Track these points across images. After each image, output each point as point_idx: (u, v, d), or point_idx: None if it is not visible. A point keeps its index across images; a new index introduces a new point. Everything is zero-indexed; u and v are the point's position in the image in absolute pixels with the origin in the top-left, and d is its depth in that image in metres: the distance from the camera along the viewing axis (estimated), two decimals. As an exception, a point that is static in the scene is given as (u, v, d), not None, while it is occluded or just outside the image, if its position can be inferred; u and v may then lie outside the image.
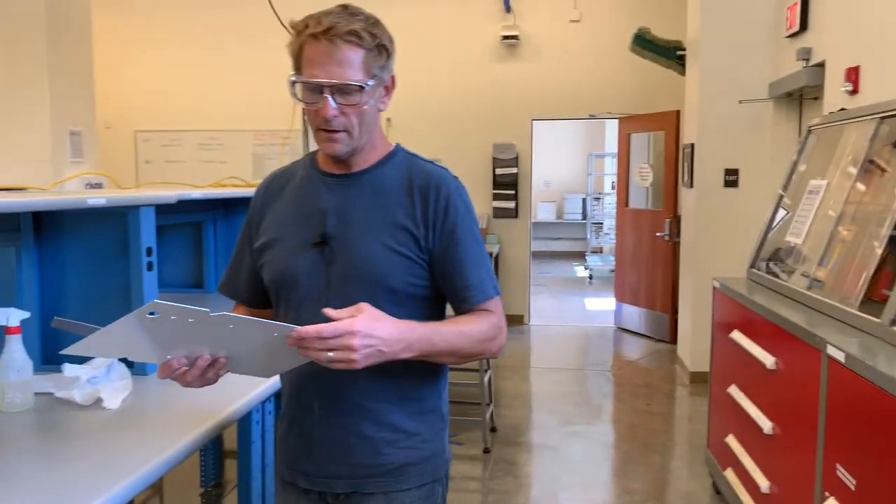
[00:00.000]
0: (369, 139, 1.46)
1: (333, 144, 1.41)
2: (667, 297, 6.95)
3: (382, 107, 1.47)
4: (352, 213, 1.45)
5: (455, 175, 1.52)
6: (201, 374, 1.33)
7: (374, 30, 1.39)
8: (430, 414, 1.53)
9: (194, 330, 1.26)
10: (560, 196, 13.34)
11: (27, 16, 4.97)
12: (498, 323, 1.47)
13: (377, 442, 1.46)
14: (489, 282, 1.47)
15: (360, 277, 1.42)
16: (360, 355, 1.25)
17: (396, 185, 1.46)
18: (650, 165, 7.27)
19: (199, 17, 8.06)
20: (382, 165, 1.49)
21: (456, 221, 1.45)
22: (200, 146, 8.23)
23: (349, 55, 1.35)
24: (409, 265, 1.43)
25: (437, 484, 1.55)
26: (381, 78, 1.41)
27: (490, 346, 1.46)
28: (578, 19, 7.63)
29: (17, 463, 1.50)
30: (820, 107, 4.55)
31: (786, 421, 2.74)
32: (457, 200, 1.46)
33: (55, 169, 4.99)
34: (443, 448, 1.56)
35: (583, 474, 4.04)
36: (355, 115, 1.39)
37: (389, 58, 1.43)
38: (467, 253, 1.45)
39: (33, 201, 1.94)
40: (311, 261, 1.45)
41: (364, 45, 1.37)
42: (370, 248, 1.42)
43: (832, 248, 2.84)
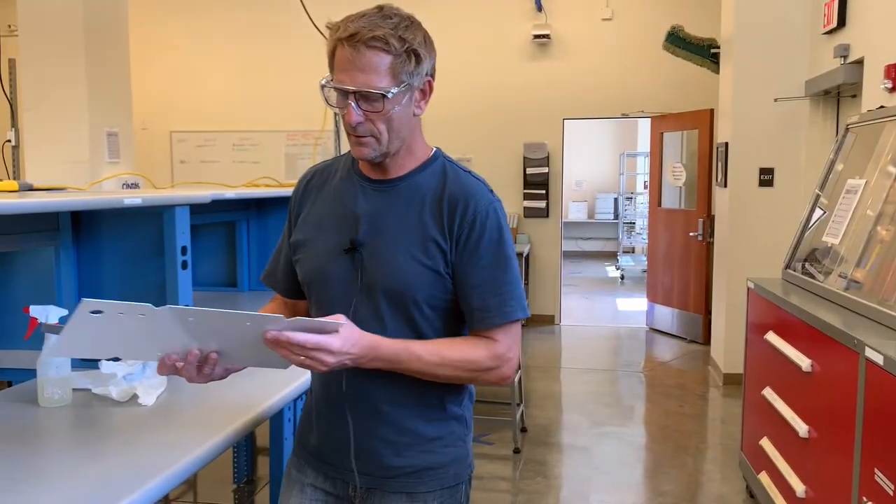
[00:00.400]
0: (404, 145, 1.44)
1: (361, 149, 1.40)
2: (700, 298, 6.87)
3: (418, 111, 1.45)
4: (384, 221, 1.44)
5: (492, 193, 1.48)
6: (198, 371, 1.34)
7: (406, 34, 1.36)
8: (452, 421, 1.51)
9: (168, 325, 1.27)
10: (591, 195, 13.26)
11: (65, 19, 5.06)
12: (501, 353, 1.42)
13: (399, 445, 1.46)
14: (507, 307, 1.41)
15: (385, 288, 1.41)
16: (329, 368, 1.28)
17: (430, 195, 1.44)
18: (683, 165, 7.19)
19: (234, 19, 8.15)
20: (419, 173, 1.47)
21: (480, 239, 1.41)
22: (234, 147, 8.32)
23: (374, 61, 1.33)
24: (436, 279, 1.41)
25: (462, 485, 1.54)
26: (410, 84, 1.38)
27: (486, 376, 1.43)
28: (610, 17, 7.58)
29: (55, 457, 1.53)
30: (858, 104, 4.47)
31: (822, 424, 2.70)
32: (486, 217, 1.42)
33: (93, 169, 5.08)
34: (466, 453, 1.55)
35: (614, 476, 4.01)
36: (382, 122, 1.38)
37: (421, 62, 1.40)
38: (484, 273, 1.41)
39: (71, 201, 1.98)
40: (343, 266, 1.44)
41: (391, 51, 1.34)
42: (398, 259, 1.41)
43: (870, 249, 2.78)
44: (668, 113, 7.37)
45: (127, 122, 5.54)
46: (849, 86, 4.63)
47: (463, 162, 8.01)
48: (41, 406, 1.84)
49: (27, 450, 1.56)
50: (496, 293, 1.41)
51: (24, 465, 1.46)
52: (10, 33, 6.88)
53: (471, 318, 1.43)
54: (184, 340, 1.31)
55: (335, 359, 1.26)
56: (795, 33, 5.30)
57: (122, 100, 5.48)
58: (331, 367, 1.27)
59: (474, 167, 7.89)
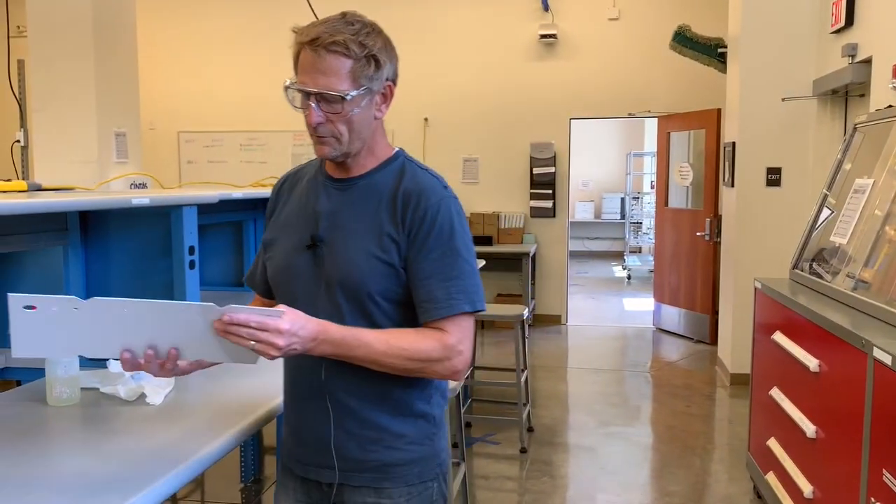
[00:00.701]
0: (365, 145, 1.50)
1: (322, 148, 1.46)
2: (707, 298, 6.86)
3: (378, 114, 1.50)
4: (343, 218, 1.49)
5: (447, 189, 1.51)
6: (161, 367, 1.36)
7: (366, 40, 1.41)
8: (419, 419, 1.53)
9: (116, 321, 1.29)
10: (598, 195, 13.24)
11: (74, 20, 5.08)
12: (451, 344, 1.42)
13: (362, 439, 1.49)
14: (454, 299, 1.43)
15: (343, 283, 1.45)
16: (280, 353, 1.28)
17: (387, 192, 1.49)
18: (690, 164, 7.17)
19: (241, 19, 8.17)
20: (378, 171, 1.52)
21: (430, 233, 1.44)
22: (242, 147, 8.34)
23: (334, 65, 1.39)
24: (391, 272, 1.45)
25: (432, 483, 1.55)
26: (369, 88, 1.44)
27: (435, 367, 1.43)
28: (617, 17, 7.57)
29: (64, 456, 1.54)
30: (866, 104, 4.45)
31: (830, 425, 2.69)
32: (437, 211, 1.45)
33: (101, 169, 5.10)
34: (434, 452, 1.55)
35: (620, 476, 4.01)
36: (342, 123, 1.43)
37: (381, 67, 1.45)
38: (434, 266, 1.44)
39: (80, 201, 1.99)
40: (305, 262, 1.50)
41: (351, 56, 1.40)
42: (354, 254, 1.46)
43: (878, 249, 2.77)
44: (674, 112, 7.36)
45: (135, 123, 5.56)
46: (857, 85, 4.61)
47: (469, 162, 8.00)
48: (50, 405, 1.85)
49: (36, 449, 1.57)
50: (443, 286, 1.43)
51: (33, 464, 1.47)
52: (19, 34, 6.92)
53: (420, 311, 1.45)
54: (141, 336, 1.33)
55: (284, 340, 1.27)
56: (803, 33, 5.28)
57: (130, 100, 5.50)
58: (281, 350, 1.27)
59: (481, 167, 7.90)
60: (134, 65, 5.57)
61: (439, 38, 7.88)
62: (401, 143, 7.82)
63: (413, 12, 7.89)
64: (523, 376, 4.48)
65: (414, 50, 7.90)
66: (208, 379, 2.05)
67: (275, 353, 1.28)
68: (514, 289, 7.86)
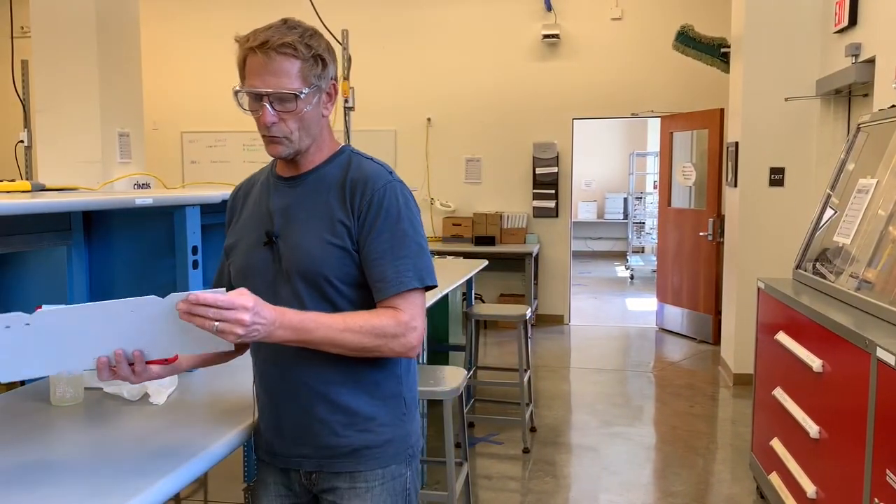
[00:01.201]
0: (314, 142, 1.56)
1: (276, 147, 1.53)
2: (710, 298, 6.85)
3: (326, 112, 1.57)
4: (296, 212, 1.56)
5: (392, 175, 1.56)
6: (132, 370, 1.39)
7: (311, 41, 1.49)
8: (389, 399, 1.58)
9: (73, 330, 1.30)
10: (601, 195, 13.23)
11: (77, 20, 5.09)
12: (405, 321, 1.48)
13: (334, 424, 1.54)
14: (404, 277, 1.50)
15: (301, 271, 1.51)
16: (245, 331, 1.29)
17: (335, 182, 1.55)
18: (693, 164, 7.17)
19: (244, 19, 8.14)
20: (325, 165, 1.59)
21: (378, 214, 1.51)
22: (245, 147, 8.35)
23: (284, 66, 1.47)
24: (345, 255, 1.51)
25: (403, 467, 1.60)
26: (318, 86, 1.51)
27: (391, 343, 1.47)
28: (620, 17, 7.56)
29: (67, 455, 1.54)
30: (869, 104, 4.45)
31: (833, 425, 2.68)
32: (383, 195, 1.52)
33: (104, 170, 5.11)
34: (406, 433, 1.61)
35: (623, 476, 4.01)
36: (294, 121, 1.51)
37: (326, 67, 1.53)
38: (383, 246, 1.50)
39: (83, 201, 2.00)
40: (264, 258, 1.56)
41: (299, 56, 1.48)
42: (310, 242, 1.52)
43: (882, 249, 2.77)
44: (677, 112, 7.35)
45: (138, 123, 5.57)
46: (860, 85, 4.60)
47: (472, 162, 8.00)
48: (53, 405, 1.86)
49: (39, 448, 1.57)
50: (393, 265, 1.50)
51: (37, 464, 1.47)
52: (22, 35, 6.93)
53: (374, 291, 1.51)
54: (106, 341, 1.34)
55: (249, 316, 1.28)
56: (806, 32, 5.27)
57: (133, 100, 5.51)
58: (246, 328, 1.28)
59: (484, 167, 7.90)
60: (137, 65, 5.57)
61: (442, 38, 7.88)
62: (403, 142, 7.88)
63: (416, 13, 7.89)
64: (526, 376, 4.48)
65: (416, 50, 7.91)
66: (211, 379, 2.06)
67: (240, 331, 1.28)
68: (516, 289, 7.85)
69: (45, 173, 5.11)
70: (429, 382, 2.99)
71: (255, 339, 1.34)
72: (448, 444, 2.97)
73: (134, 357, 1.37)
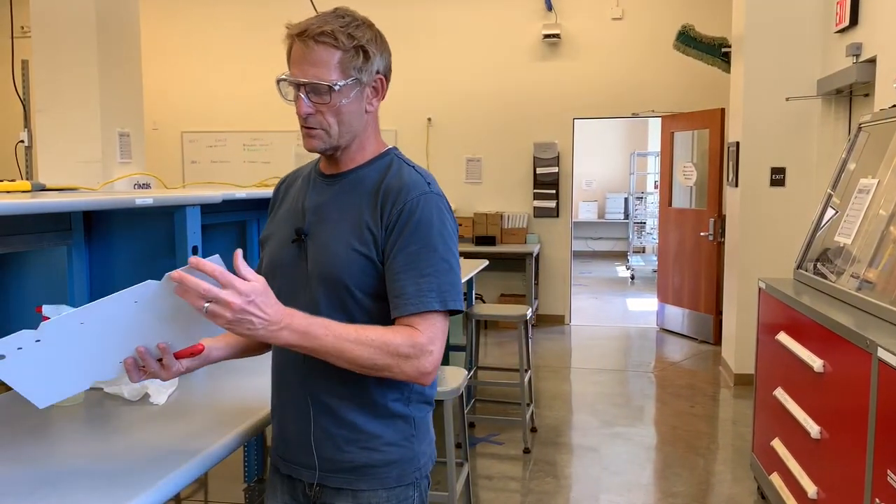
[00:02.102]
0: (355, 139, 1.50)
1: (311, 140, 1.48)
2: (711, 298, 6.85)
3: (370, 108, 1.50)
4: (328, 212, 1.50)
5: (431, 186, 1.47)
6: (162, 366, 1.37)
7: (355, 32, 1.43)
8: (397, 420, 1.50)
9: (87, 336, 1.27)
10: (602, 195, 13.23)
11: (77, 20, 5.09)
12: (421, 343, 1.38)
13: (337, 438, 1.48)
14: (425, 296, 1.39)
15: (322, 274, 1.45)
16: (233, 317, 1.22)
17: (371, 186, 1.48)
18: (694, 164, 7.16)
19: (245, 20, 8.17)
20: (366, 167, 1.52)
21: (406, 227, 1.42)
22: (245, 147, 8.35)
23: (322, 56, 1.41)
24: (368, 265, 1.44)
25: (411, 489, 1.52)
26: (359, 79, 1.45)
27: (403, 365, 1.37)
28: (621, 17, 7.56)
29: (67, 456, 1.54)
30: (870, 104, 4.44)
31: (834, 425, 2.68)
32: (415, 206, 1.43)
33: (105, 170, 5.11)
34: (413, 455, 1.52)
35: (624, 476, 4.00)
36: (331, 114, 1.45)
37: (370, 59, 1.45)
38: (408, 260, 1.41)
39: (84, 201, 2.00)
40: (291, 255, 1.51)
41: (339, 47, 1.41)
42: (335, 247, 1.45)
43: (883, 249, 2.77)
44: (678, 112, 7.35)
45: (138, 123, 5.56)
46: (861, 84, 4.60)
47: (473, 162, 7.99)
48: (54, 405, 1.85)
49: (39, 449, 1.57)
50: (416, 281, 1.40)
51: (37, 464, 1.47)
52: (22, 34, 6.93)
53: (392, 306, 1.42)
54: (127, 340, 1.31)
55: (240, 300, 1.21)
56: (807, 32, 5.27)
57: (133, 100, 5.50)
58: (234, 312, 1.21)
59: (484, 167, 7.90)
60: (138, 65, 5.57)
61: (443, 38, 7.88)
62: (404, 142, 7.86)
63: (416, 12, 7.89)
64: (527, 376, 4.48)
65: (417, 50, 7.91)
66: (211, 379, 2.06)
67: (228, 315, 1.21)
68: (517, 289, 7.85)
69: (45, 173, 5.10)
70: (429, 382, 2.98)
71: (254, 335, 1.26)
72: (448, 445, 2.97)
73: (160, 350, 1.33)
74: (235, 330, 1.25)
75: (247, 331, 1.25)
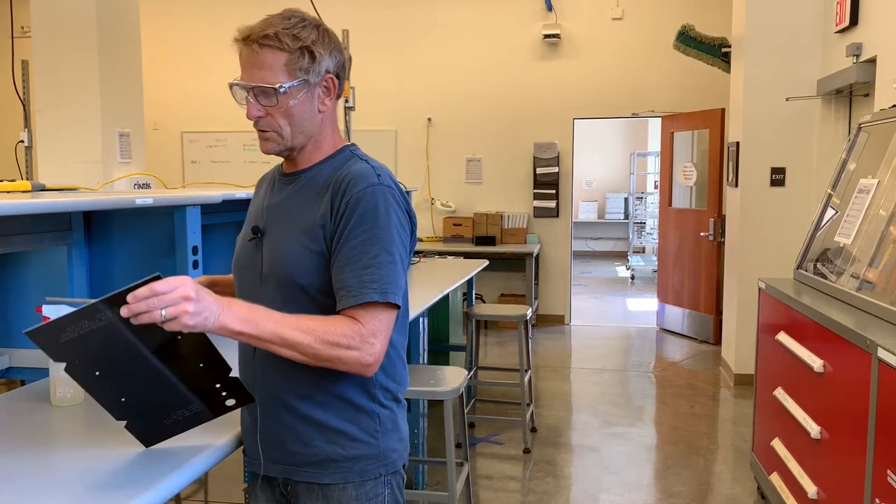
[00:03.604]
0: (311, 140, 1.51)
1: (265, 143, 1.50)
2: (711, 298, 6.85)
3: (322, 108, 1.50)
4: (283, 211, 1.52)
5: (381, 178, 1.45)
6: None
7: (300, 33, 1.43)
8: (360, 415, 1.50)
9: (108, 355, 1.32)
10: (602, 195, 13.24)
11: (78, 20, 5.09)
12: (363, 334, 1.37)
13: (301, 432, 1.49)
14: (366, 288, 1.38)
15: (276, 274, 1.47)
16: (195, 308, 1.22)
17: (324, 182, 1.48)
18: (694, 164, 7.16)
19: (244, 19, 8.15)
20: (322, 164, 1.53)
21: (351, 220, 1.41)
22: (245, 147, 8.35)
23: (268, 59, 1.43)
24: (321, 262, 1.44)
25: (380, 486, 1.52)
26: (306, 80, 1.45)
27: (343, 354, 1.36)
28: (621, 17, 7.56)
29: (67, 456, 1.54)
30: (871, 104, 4.44)
31: (834, 425, 2.68)
32: (361, 198, 1.42)
33: (105, 169, 5.11)
34: (378, 451, 1.51)
35: (624, 476, 4.00)
36: (281, 117, 1.46)
37: (316, 59, 1.45)
38: (351, 253, 1.40)
39: (84, 201, 2.00)
40: (250, 254, 1.54)
41: (284, 48, 1.43)
42: (288, 246, 1.47)
43: (883, 249, 2.77)
44: (678, 112, 7.35)
45: (139, 123, 5.56)
46: (861, 85, 4.60)
47: (473, 162, 7.97)
48: (53, 405, 1.85)
49: (39, 449, 1.57)
50: (357, 273, 1.39)
51: (36, 464, 1.47)
52: (23, 34, 6.93)
53: (336, 298, 1.41)
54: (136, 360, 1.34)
55: (182, 288, 1.21)
56: (807, 32, 5.27)
57: (133, 100, 5.50)
58: (192, 302, 1.21)
59: (484, 167, 7.90)
60: (138, 65, 5.57)
61: (443, 38, 7.88)
62: (404, 142, 7.87)
63: (416, 12, 7.89)
64: (527, 376, 4.48)
65: (417, 50, 7.91)
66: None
67: (190, 308, 1.21)
68: (517, 289, 7.85)
69: (45, 173, 5.10)
70: (429, 383, 2.99)
71: (206, 328, 1.25)
72: (448, 445, 2.97)
73: None
74: (197, 318, 1.22)
75: (203, 319, 1.24)
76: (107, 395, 1.40)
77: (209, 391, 1.44)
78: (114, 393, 1.40)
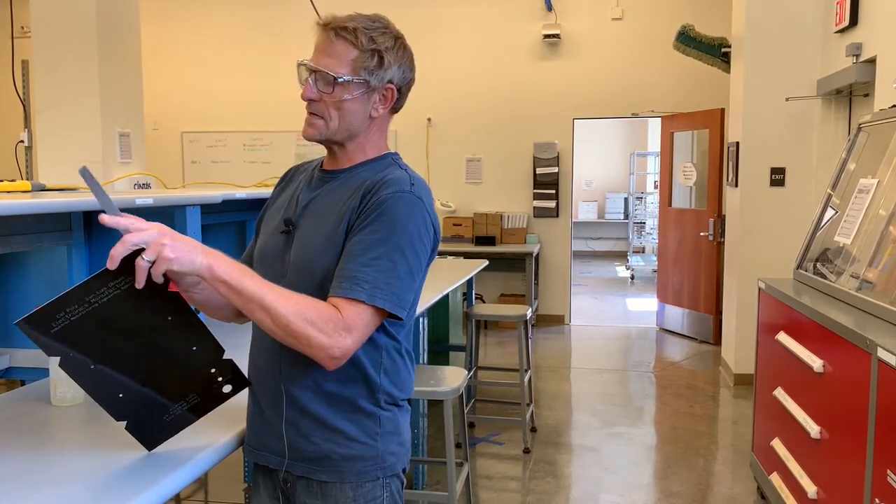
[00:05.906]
0: (354, 140, 1.53)
1: (308, 128, 1.52)
2: (710, 298, 6.85)
3: (374, 113, 1.52)
4: (317, 206, 1.53)
5: (414, 187, 1.46)
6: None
7: (378, 37, 1.47)
8: (361, 416, 1.50)
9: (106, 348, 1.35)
10: (602, 195, 13.24)
11: (78, 20, 5.09)
12: (341, 323, 1.35)
13: (301, 426, 1.50)
14: (358, 284, 1.37)
15: (301, 268, 1.48)
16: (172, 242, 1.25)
17: (358, 183, 1.50)
18: (694, 164, 7.17)
19: (245, 18, 8.17)
20: (362, 166, 1.54)
21: (370, 216, 1.43)
22: (245, 147, 8.35)
23: (339, 48, 1.46)
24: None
25: (378, 488, 1.53)
26: (367, 81, 1.48)
27: (313, 335, 1.33)
28: (620, 17, 7.56)
29: (67, 456, 1.54)
30: (870, 104, 4.45)
31: (834, 425, 2.68)
32: (387, 202, 1.43)
33: (105, 169, 5.11)
34: (377, 453, 1.52)
35: (624, 476, 4.01)
36: (333, 106, 1.48)
37: (384, 66, 1.49)
38: (360, 246, 1.41)
39: (84, 201, 2.00)
40: (277, 245, 1.55)
41: (356, 45, 1.46)
42: (316, 241, 1.48)
43: (883, 249, 2.77)
44: (678, 112, 7.35)
45: (139, 123, 5.57)
46: (861, 85, 4.60)
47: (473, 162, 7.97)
48: (53, 405, 1.85)
49: (39, 449, 1.57)
50: (356, 267, 1.39)
51: (37, 464, 1.47)
52: (23, 35, 6.93)
53: (333, 283, 1.42)
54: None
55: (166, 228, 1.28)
56: (807, 32, 5.27)
57: (133, 100, 5.50)
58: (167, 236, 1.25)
59: (484, 167, 7.91)
60: (138, 65, 5.57)
61: (442, 37, 7.87)
62: (404, 143, 7.87)
63: (416, 12, 7.89)
64: (527, 376, 4.48)
65: (417, 50, 7.85)
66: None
67: (167, 242, 1.24)
68: (517, 289, 7.85)
69: (45, 173, 5.10)
70: (429, 382, 2.99)
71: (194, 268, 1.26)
72: (448, 445, 2.97)
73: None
74: (179, 252, 1.24)
75: (188, 254, 1.25)
76: (104, 390, 1.40)
77: (205, 377, 1.45)
78: (110, 387, 1.40)
